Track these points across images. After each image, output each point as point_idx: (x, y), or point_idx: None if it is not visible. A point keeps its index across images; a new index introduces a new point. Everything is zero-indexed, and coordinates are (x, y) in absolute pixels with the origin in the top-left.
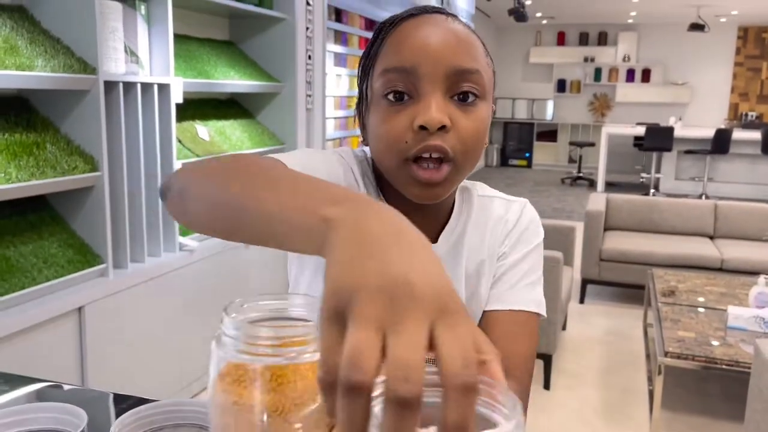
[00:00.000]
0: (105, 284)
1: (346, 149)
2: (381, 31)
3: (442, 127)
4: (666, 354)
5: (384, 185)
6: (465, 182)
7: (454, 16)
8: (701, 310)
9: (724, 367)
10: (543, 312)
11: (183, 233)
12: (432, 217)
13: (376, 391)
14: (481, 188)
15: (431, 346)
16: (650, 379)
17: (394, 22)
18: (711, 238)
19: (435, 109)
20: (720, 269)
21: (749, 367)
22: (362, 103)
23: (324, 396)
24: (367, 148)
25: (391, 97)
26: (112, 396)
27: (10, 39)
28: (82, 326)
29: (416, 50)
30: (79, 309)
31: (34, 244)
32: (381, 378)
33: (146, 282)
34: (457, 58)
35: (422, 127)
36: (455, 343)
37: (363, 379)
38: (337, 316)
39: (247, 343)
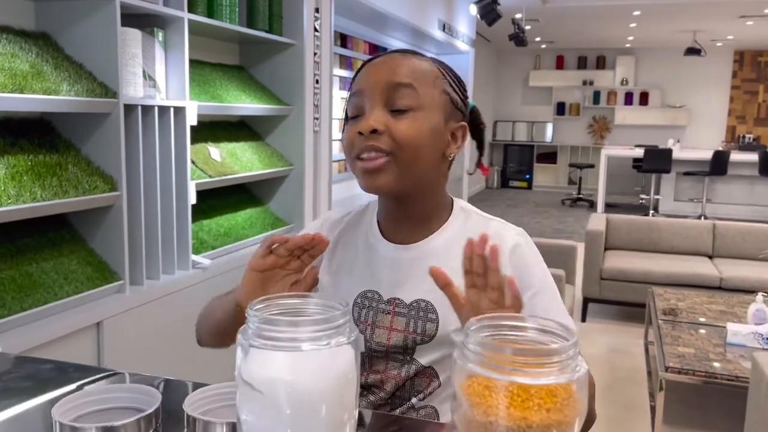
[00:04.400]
0: (122, 300)
1: (327, 214)
2: (359, 69)
3: (375, 131)
4: (667, 369)
5: (379, 207)
6: (465, 205)
7: (419, 54)
8: (701, 327)
9: (723, 381)
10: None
11: (196, 251)
12: (417, 224)
13: None
14: (478, 211)
15: None
16: (652, 395)
17: (366, 62)
18: (710, 257)
19: (369, 118)
20: (719, 288)
21: (748, 382)
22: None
23: None
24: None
25: (350, 115)
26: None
27: (37, 65)
28: (101, 340)
29: (363, 77)
30: (98, 324)
31: (55, 261)
32: None
33: (161, 298)
34: (391, 74)
35: (360, 133)
36: None
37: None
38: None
39: (492, 359)
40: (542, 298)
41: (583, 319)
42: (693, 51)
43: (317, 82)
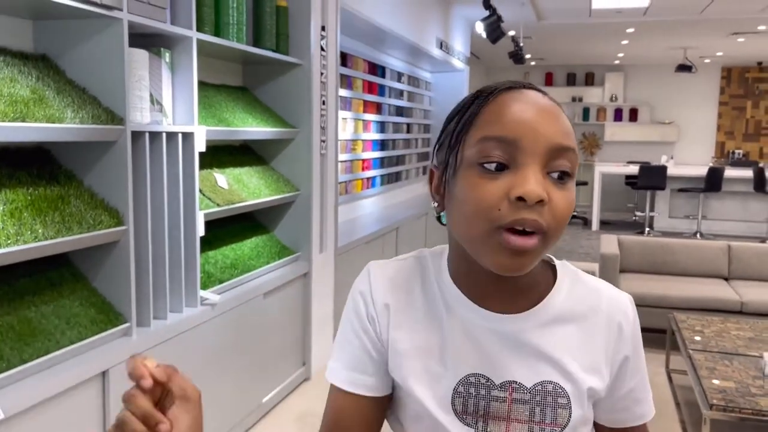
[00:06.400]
0: (128, 344)
1: (359, 280)
2: (477, 99)
3: (540, 201)
4: (711, 407)
5: (457, 266)
6: (565, 263)
7: (546, 93)
8: (734, 357)
9: None
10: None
11: (203, 286)
12: (520, 290)
13: None
14: (579, 272)
15: None
16: (685, 430)
17: (493, 92)
18: (726, 279)
19: (534, 182)
20: (740, 312)
21: None
22: (447, 170)
23: None
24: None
25: (487, 165)
26: None
27: (38, 90)
28: (106, 392)
29: (519, 123)
30: (103, 373)
31: (55, 304)
32: None
33: (169, 340)
34: (557, 135)
35: (520, 198)
36: None
37: None
38: None
39: None
40: (643, 383)
41: None
42: (684, 68)
43: (323, 103)
